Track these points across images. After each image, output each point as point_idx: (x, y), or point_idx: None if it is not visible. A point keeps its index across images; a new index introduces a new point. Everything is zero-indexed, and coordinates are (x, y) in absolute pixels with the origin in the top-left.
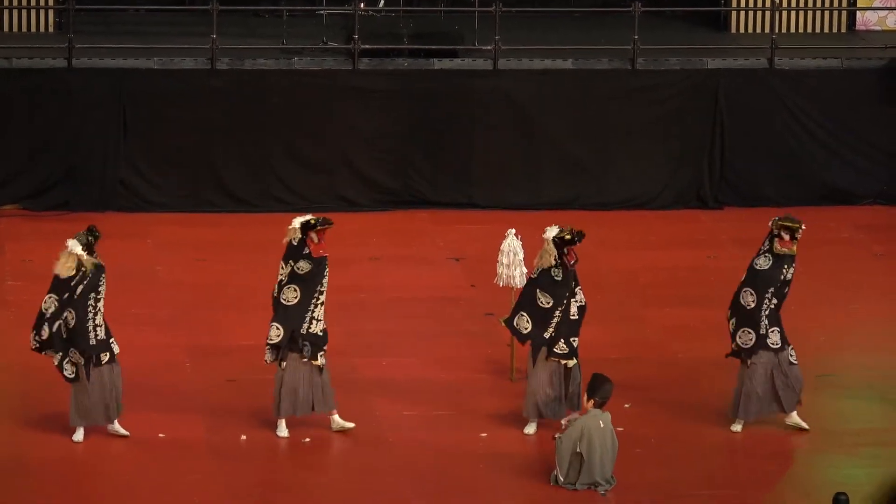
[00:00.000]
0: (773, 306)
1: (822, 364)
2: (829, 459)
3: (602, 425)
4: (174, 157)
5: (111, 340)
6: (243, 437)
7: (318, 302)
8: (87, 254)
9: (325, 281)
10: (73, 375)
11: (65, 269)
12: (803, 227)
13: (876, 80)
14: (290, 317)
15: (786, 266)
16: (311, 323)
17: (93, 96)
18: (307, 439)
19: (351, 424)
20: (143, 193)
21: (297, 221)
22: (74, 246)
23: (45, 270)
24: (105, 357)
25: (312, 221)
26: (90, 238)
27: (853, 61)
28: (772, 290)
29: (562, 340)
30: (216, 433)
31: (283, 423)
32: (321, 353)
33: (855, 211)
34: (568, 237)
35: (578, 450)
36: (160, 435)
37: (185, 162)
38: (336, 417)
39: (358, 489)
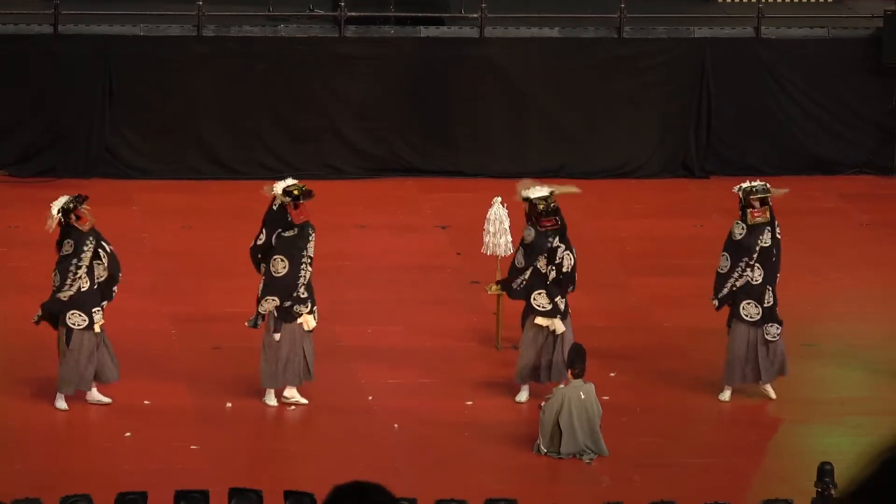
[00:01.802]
0: (754, 279)
1: (806, 333)
2: (813, 428)
3: (583, 396)
4: (160, 123)
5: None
6: (228, 404)
7: (307, 270)
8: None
9: (310, 247)
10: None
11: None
12: (773, 191)
13: (862, 50)
14: (280, 287)
15: (761, 235)
16: (300, 290)
17: (79, 63)
18: (292, 407)
19: (304, 400)
20: (128, 160)
21: (280, 187)
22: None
23: (31, 237)
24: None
25: (296, 192)
26: (72, 204)
27: (840, 31)
28: (746, 259)
29: (542, 295)
30: (201, 400)
31: (272, 393)
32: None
33: (841, 180)
34: (540, 206)
35: (558, 420)
36: (145, 402)
37: (171, 129)
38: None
39: (343, 457)
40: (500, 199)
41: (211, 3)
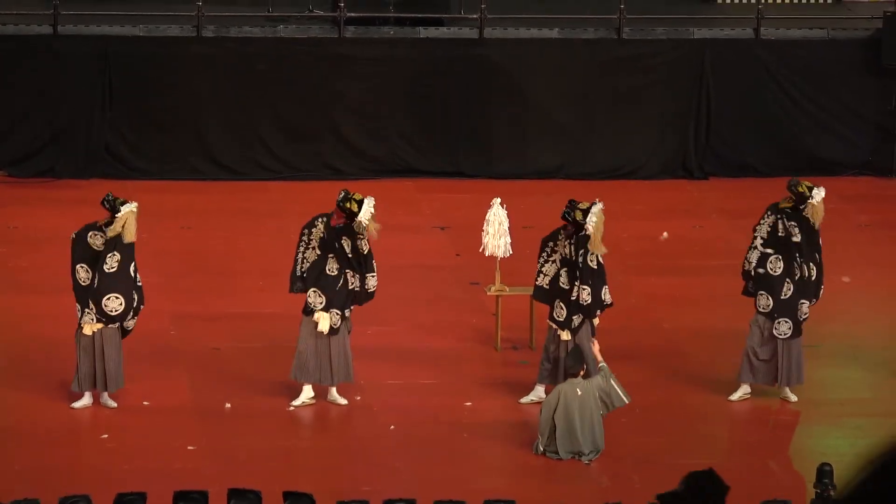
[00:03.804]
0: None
1: (807, 334)
2: (813, 429)
3: (580, 393)
4: (159, 124)
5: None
6: (228, 404)
7: (303, 253)
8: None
9: (313, 233)
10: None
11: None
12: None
13: (862, 51)
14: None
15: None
16: (297, 271)
17: (78, 63)
18: (292, 407)
19: (343, 401)
20: (128, 160)
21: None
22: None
23: (30, 236)
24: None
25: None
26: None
27: (839, 32)
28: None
29: (559, 306)
30: (201, 401)
31: (307, 387)
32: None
33: (840, 181)
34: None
35: (553, 417)
36: (144, 402)
37: (171, 129)
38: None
39: (342, 457)
40: (499, 199)
41: (210, 3)
